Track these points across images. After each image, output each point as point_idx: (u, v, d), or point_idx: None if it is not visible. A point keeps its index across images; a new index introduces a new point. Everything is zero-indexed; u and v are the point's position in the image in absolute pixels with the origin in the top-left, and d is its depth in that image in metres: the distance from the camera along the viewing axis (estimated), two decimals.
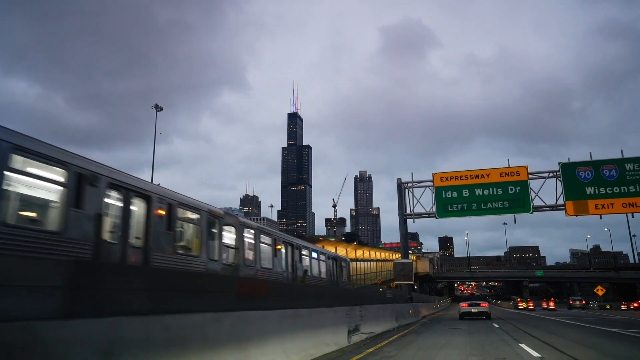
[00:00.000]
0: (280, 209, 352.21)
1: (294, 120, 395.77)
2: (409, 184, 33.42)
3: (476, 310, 27.09)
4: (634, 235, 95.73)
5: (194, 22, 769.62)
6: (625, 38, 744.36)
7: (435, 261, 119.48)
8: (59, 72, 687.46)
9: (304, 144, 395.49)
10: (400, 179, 33.60)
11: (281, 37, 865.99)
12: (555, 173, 31.14)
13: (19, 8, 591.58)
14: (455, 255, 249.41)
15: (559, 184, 30.81)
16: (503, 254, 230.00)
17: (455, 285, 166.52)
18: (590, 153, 30.86)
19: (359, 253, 51.01)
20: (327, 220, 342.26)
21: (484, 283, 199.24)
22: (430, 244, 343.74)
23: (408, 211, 33.22)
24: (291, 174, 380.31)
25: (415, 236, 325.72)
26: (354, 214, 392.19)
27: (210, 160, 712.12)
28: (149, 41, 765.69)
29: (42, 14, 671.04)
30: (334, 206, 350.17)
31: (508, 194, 31.07)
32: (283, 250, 15.73)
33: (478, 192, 31.51)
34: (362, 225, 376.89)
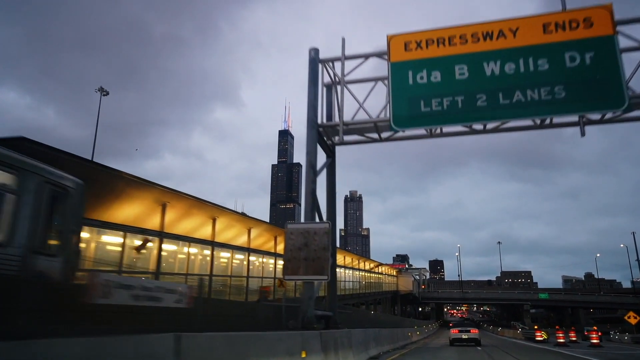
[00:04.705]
0: None
1: (285, 137, 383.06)
2: (335, 61, 15.03)
3: (466, 337, 27.51)
4: (636, 260, 79.63)
5: (189, 37, 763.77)
6: None
7: (421, 280, 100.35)
8: (50, 83, 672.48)
9: (294, 161, 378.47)
10: (316, 50, 14.89)
11: (276, 55, 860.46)
12: None
13: (11, 19, 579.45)
14: (446, 279, 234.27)
15: None
16: (495, 279, 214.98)
17: (445, 309, 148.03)
18: None
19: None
20: None
21: (475, 307, 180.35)
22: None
23: (336, 119, 14.84)
24: (280, 192, 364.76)
25: (405, 258, 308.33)
26: (343, 233, 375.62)
27: (201, 177, 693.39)
28: (142, 54, 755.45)
29: (34, 24, 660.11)
30: None
31: (565, 70, 12.46)
32: None
33: (491, 69, 12.97)
34: (351, 246, 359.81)
